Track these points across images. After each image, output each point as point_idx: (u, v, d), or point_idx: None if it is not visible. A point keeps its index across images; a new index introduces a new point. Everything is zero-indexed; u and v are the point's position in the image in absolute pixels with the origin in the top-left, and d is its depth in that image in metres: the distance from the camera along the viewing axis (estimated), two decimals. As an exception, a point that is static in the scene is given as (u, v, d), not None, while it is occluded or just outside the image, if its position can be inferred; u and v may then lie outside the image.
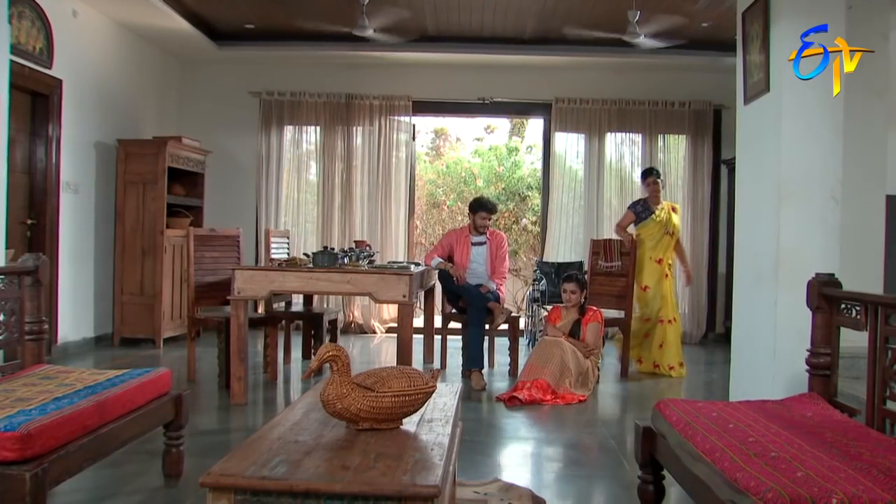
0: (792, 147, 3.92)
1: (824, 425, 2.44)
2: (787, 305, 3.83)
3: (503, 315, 5.88)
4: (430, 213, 11.87)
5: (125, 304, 6.98)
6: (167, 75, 8.23)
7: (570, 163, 8.51)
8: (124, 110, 7.36)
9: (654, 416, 2.85)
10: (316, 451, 2.00)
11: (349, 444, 2.09)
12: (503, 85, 8.38)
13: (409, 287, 4.57)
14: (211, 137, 8.13)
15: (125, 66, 7.34)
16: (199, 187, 7.80)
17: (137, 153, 7.02)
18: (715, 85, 8.07)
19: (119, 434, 2.73)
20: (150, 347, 6.83)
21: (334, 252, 5.03)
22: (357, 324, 8.32)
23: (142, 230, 6.97)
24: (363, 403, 2.19)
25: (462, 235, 6.17)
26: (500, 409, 4.84)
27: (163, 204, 6.97)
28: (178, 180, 7.45)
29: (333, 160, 8.31)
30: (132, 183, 7.00)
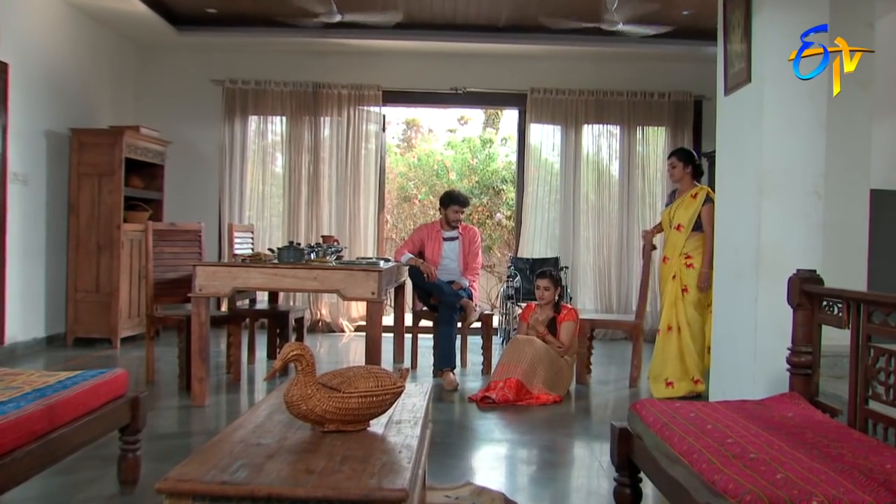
0: (773, 140, 3.95)
1: (805, 426, 2.46)
2: (768, 303, 3.86)
3: (476, 313, 5.89)
4: (401, 208, 11.85)
5: (79, 303, 6.87)
6: (123, 61, 8.10)
7: (546, 155, 8.53)
8: (77, 97, 7.24)
9: (631, 417, 2.86)
10: (279, 455, 1.99)
11: (314, 446, 2.08)
12: (477, 74, 8.38)
13: (378, 284, 4.56)
14: (171, 127, 8.03)
15: (77, 50, 7.21)
16: (159, 179, 7.69)
17: (92, 143, 6.90)
18: (696, 75, 8.13)
19: (70, 439, 2.68)
20: (106, 348, 6.73)
21: (301, 247, 5.01)
22: (325, 322, 8.29)
23: (97, 224, 6.86)
24: (329, 404, 2.19)
25: (433, 230, 6.16)
26: (472, 409, 4.84)
27: (120, 197, 6.87)
28: (136, 172, 7.34)
29: (300, 152, 8.25)
30: (87, 175, 6.88)
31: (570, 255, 8.27)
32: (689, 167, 5.50)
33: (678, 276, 5.32)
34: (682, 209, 5.40)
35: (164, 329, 6.87)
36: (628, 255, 8.25)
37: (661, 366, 5.27)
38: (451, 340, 5.62)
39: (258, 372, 5.88)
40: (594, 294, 8.36)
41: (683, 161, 5.50)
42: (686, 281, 5.28)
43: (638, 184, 8.37)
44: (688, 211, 5.36)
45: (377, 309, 4.65)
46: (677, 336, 5.25)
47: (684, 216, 5.37)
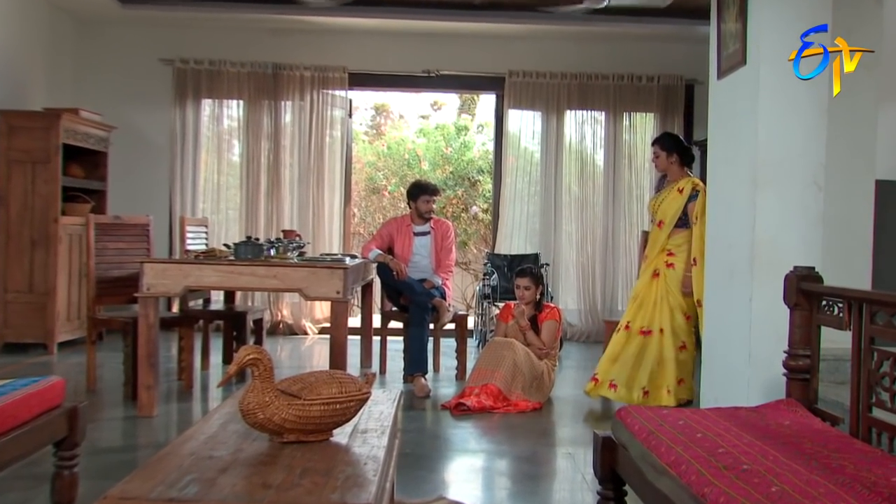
0: (770, 126, 3.97)
1: (803, 435, 2.47)
2: (764, 302, 3.89)
3: (449, 313, 5.89)
4: (369, 200, 11.80)
5: (10, 304, 6.73)
6: (59, 36, 7.95)
7: (526, 144, 8.54)
8: (5, 76, 7.08)
9: (615, 425, 2.86)
10: (233, 468, 1.98)
11: (271, 458, 2.08)
12: (451, 56, 8.37)
13: (343, 282, 4.55)
14: (116, 111, 7.91)
15: (4, 22, 7.06)
16: (102, 168, 7.57)
17: (24, 127, 6.76)
18: (687, 57, 8.17)
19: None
20: (41, 353, 6.62)
21: (259, 243, 4.98)
22: (286, 324, 8.25)
23: (31, 217, 6.74)
24: (288, 413, 2.18)
25: (403, 224, 6.15)
26: (445, 418, 4.84)
27: (57, 187, 6.75)
28: (76, 160, 7.23)
29: (259, 139, 8.19)
30: (18, 161, 6.74)
31: (551, 251, 8.29)
32: (675, 155, 5.36)
33: (662, 275, 5.27)
34: (666, 204, 5.30)
35: (107, 333, 6.80)
36: (614, 251, 8.29)
37: (634, 372, 5.17)
38: (423, 343, 5.62)
39: (213, 379, 5.83)
40: (577, 293, 8.40)
41: (667, 149, 5.36)
42: (668, 282, 5.24)
43: (624, 174, 8.41)
44: (672, 206, 5.26)
45: (342, 309, 4.64)
46: (658, 340, 5.18)
47: (667, 211, 5.28)
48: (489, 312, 7.52)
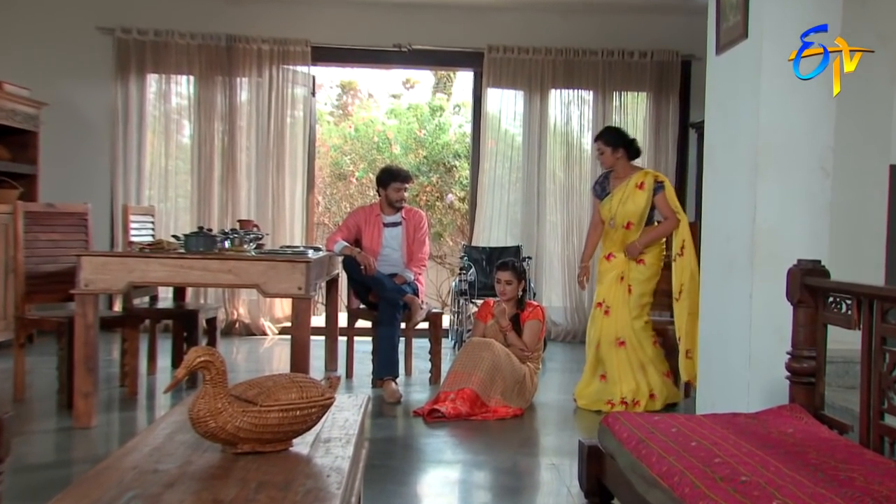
0: (773, 106, 3.97)
1: (808, 444, 2.48)
2: (765, 299, 3.90)
3: (423, 311, 5.88)
4: (335, 187, 11.78)
5: (-73, 303, 6.64)
6: (-20, 0, 7.83)
7: (507, 126, 8.54)
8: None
9: (602, 433, 2.87)
10: (181, 483, 1.97)
11: (224, 471, 2.06)
12: (425, 29, 8.34)
13: (305, 277, 4.55)
14: (47, 85, 7.78)
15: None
16: (32, 150, 7.47)
17: (-62, 102, 6.66)
18: (683, 31, 8.21)
19: None
20: (-33, 357, 6.54)
21: (212, 234, 4.95)
22: (242, 323, 8.21)
23: (-51, 205, 6.64)
24: (243, 420, 2.17)
25: (372, 214, 6.14)
26: (418, 425, 4.84)
27: (-22, 171, 6.67)
28: (1, 140, 7.12)
29: (212, 119, 8.12)
30: (-68, 142, 6.65)
31: (534, 243, 8.31)
32: (621, 150, 5.56)
33: (625, 277, 5.46)
34: (630, 203, 5.47)
35: (38, 334, 6.73)
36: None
37: (614, 387, 5.36)
38: (394, 344, 5.61)
39: (159, 385, 5.79)
40: (562, 289, 8.42)
41: (612, 144, 5.55)
42: (631, 279, 5.43)
43: (614, 160, 8.42)
44: (638, 205, 5.45)
45: (305, 307, 4.63)
46: (635, 346, 5.41)
47: (633, 212, 5.46)
48: (466, 310, 7.52)
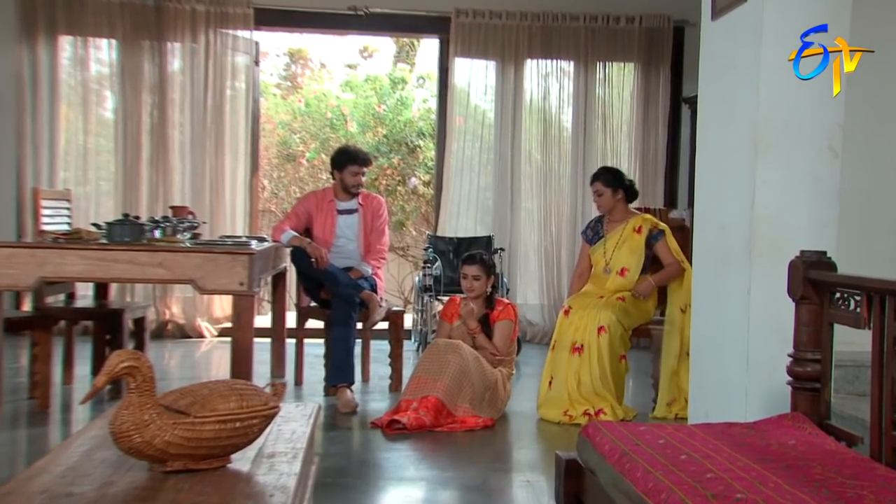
0: (775, 78, 3.98)
1: (812, 457, 2.49)
2: (765, 295, 3.92)
3: (382, 310, 5.87)
4: (283, 169, 11.78)
5: None
6: None
7: (477, 101, 8.55)
8: None
9: (581, 445, 2.87)
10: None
11: (151, 493, 2.06)
12: (384, -11, 8.32)
13: (248, 271, 4.52)
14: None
15: None
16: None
17: None
18: (675, -7, 8.27)
19: None
20: None
21: (140, 223, 4.92)
22: (176, 324, 8.16)
23: None
24: (173, 434, 2.16)
25: (325, 200, 6.12)
26: (376, 438, 4.84)
27: None
28: None
29: (138, 91, 8.04)
30: None
31: (507, 233, 8.34)
32: (620, 192, 5.80)
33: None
34: (625, 250, 5.69)
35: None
36: (584, 233, 8.34)
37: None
38: (349, 347, 5.61)
39: (77, 395, 5.70)
40: (539, 284, 8.45)
41: (612, 185, 5.78)
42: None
43: (598, 139, 8.48)
44: (634, 253, 5.68)
45: (247, 305, 4.61)
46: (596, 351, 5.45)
47: (629, 259, 5.68)
48: (431, 309, 7.51)
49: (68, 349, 6.01)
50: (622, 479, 2.46)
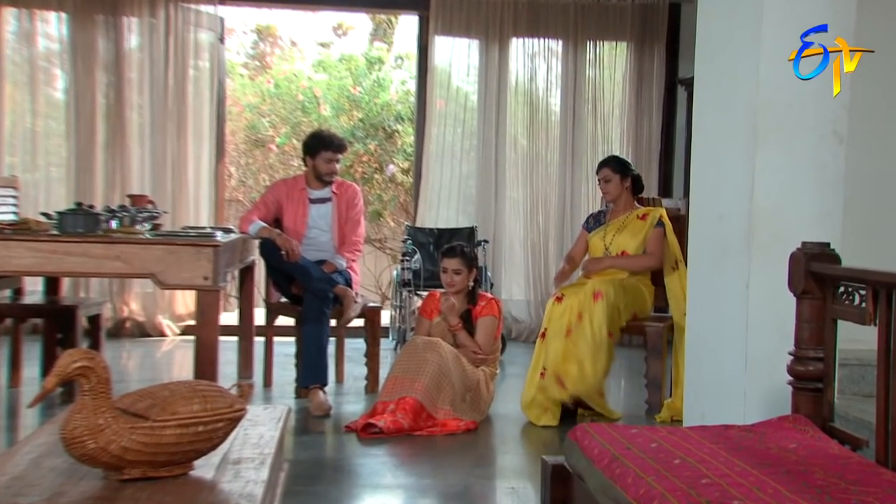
0: (776, 58, 3.98)
1: (813, 462, 2.51)
2: (765, 289, 3.93)
3: (357, 306, 5.86)
4: (251, 156, 11.74)
5: None
6: None
7: (459, 83, 8.55)
8: None
9: (569, 449, 2.87)
10: (51, 519, 1.96)
11: (106, 503, 2.05)
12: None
13: (213, 265, 4.54)
14: None
15: None
16: None
17: None
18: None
19: None
20: None
21: (95, 212, 4.90)
22: (136, 322, 8.14)
23: None
24: (130, 440, 2.15)
25: (296, 189, 6.11)
26: (351, 443, 4.83)
27: None
28: None
29: (92, 69, 7.99)
30: None
31: (491, 224, 8.35)
32: (629, 180, 5.89)
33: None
34: (626, 233, 5.76)
35: None
36: (572, 223, 8.34)
37: None
38: (322, 346, 5.59)
39: (25, 398, 5.67)
40: (525, 278, 8.47)
41: (620, 172, 5.85)
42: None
43: (587, 124, 8.49)
44: (636, 236, 5.75)
45: (212, 301, 4.63)
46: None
47: (630, 242, 5.74)
48: (410, 305, 7.51)
49: (15, 349, 5.98)
50: (612, 486, 2.47)
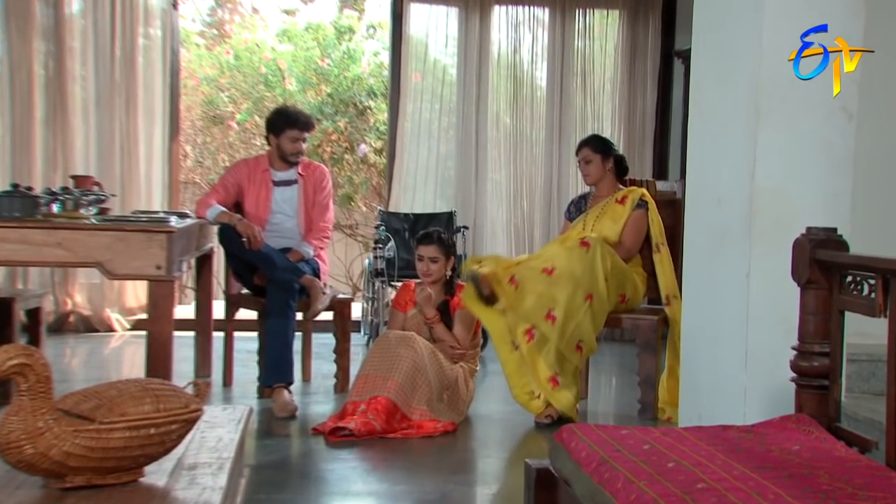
0: (781, 29, 4.00)
1: (818, 465, 2.52)
2: (767, 279, 3.95)
3: (325, 298, 5.86)
4: (208, 134, 11.73)
5: None
6: None
7: (436, 54, 8.55)
8: None
9: (554, 452, 2.88)
10: (-16, 531, 1.96)
11: None
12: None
13: (167, 253, 4.53)
14: None
15: None
16: None
17: None
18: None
19: None
20: None
21: (33, 194, 4.88)
22: (81, 316, 8.11)
23: None
24: (74, 444, 2.14)
25: (258, 170, 6.09)
26: (318, 447, 4.83)
27: None
28: None
29: (28, 37, 7.91)
30: None
31: (471, 209, 8.37)
32: (611, 161, 5.88)
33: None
34: (606, 219, 5.74)
35: None
36: (559, 208, 8.35)
37: None
38: (287, 341, 5.59)
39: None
40: (508, 268, 8.46)
41: (602, 152, 5.85)
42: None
43: (576, 99, 8.52)
44: (617, 223, 5.72)
45: (166, 293, 4.62)
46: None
47: (612, 228, 5.70)
48: (383, 296, 7.51)
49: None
50: (601, 491, 2.48)
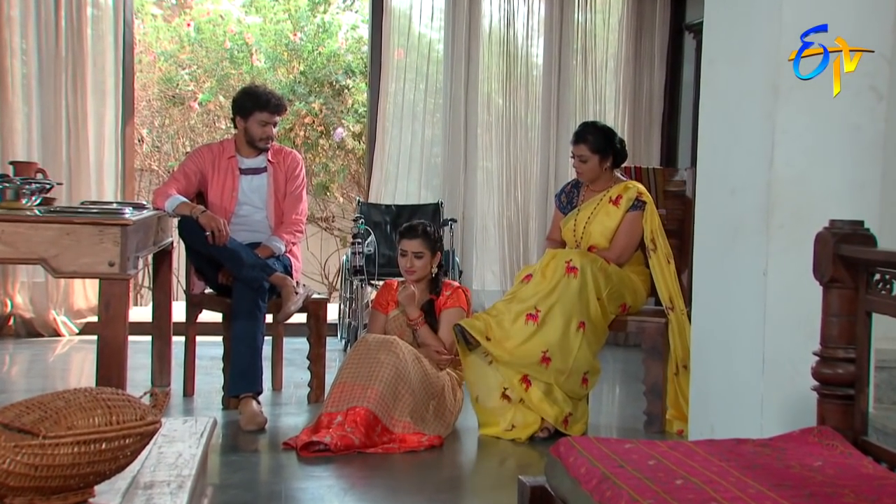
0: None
1: (843, 483, 2.52)
2: (786, 277, 3.95)
3: (298, 298, 5.84)
4: (167, 115, 11.70)
5: None
6: None
7: (421, 29, 8.55)
8: None
9: (551, 467, 2.88)
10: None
11: None
12: None
13: (121, 248, 4.53)
14: None
15: None
16: None
17: None
18: None
19: None
20: None
21: (-31, 183, 4.90)
22: (23, 318, 8.09)
23: None
24: (15, 461, 2.15)
25: (223, 156, 6.09)
26: (290, 463, 4.83)
27: None
28: None
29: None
30: None
31: (459, 200, 8.39)
32: (609, 158, 5.88)
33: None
34: (596, 223, 5.80)
35: None
36: (556, 198, 8.39)
37: None
38: (256, 346, 5.58)
39: None
40: (500, 264, 8.52)
41: (600, 151, 5.81)
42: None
43: (575, 80, 8.54)
44: (607, 226, 5.78)
45: (119, 292, 4.61)
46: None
47: (601, 233, 5.79)
48: (362, 296, 7.51)
49: None
50: (601, 511, 2.48)
